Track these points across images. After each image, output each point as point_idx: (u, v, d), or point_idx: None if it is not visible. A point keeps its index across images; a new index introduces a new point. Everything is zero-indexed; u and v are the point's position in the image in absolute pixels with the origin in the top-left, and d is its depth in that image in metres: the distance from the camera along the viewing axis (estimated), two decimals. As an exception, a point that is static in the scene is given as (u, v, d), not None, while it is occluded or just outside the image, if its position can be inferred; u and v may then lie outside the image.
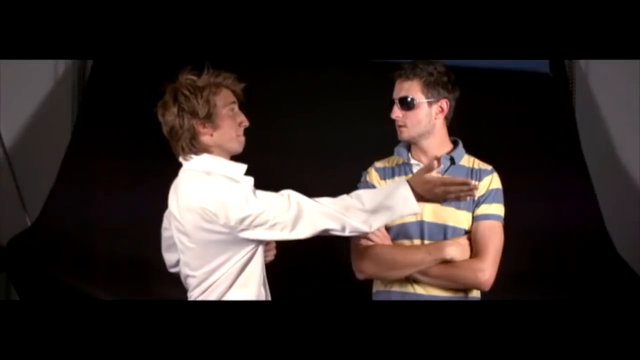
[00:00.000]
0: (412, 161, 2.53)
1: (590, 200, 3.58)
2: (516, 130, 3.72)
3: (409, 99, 2.46)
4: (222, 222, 2.20)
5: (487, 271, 2.40)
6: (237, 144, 2.37)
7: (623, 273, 3.31)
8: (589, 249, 3.38)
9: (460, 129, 2.63)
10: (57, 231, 3.29)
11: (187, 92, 2.30)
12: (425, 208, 2.45)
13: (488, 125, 3.60)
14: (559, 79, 4.01)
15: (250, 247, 2.29)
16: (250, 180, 2.34)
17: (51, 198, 3.46)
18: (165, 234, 2.51)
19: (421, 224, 2.46)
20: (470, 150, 2.58)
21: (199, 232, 2.24)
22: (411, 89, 2.47)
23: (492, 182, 2.50)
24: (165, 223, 2.50)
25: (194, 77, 2.34)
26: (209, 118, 2.30)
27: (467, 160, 2.55)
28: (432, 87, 2.46)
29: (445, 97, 2.48)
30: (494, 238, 2.45)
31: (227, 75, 2.37)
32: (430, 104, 2.47)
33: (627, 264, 3.37)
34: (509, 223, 2.53)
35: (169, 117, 2.31)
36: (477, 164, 2.55)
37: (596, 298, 2.99)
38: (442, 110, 2.49)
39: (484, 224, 2.46)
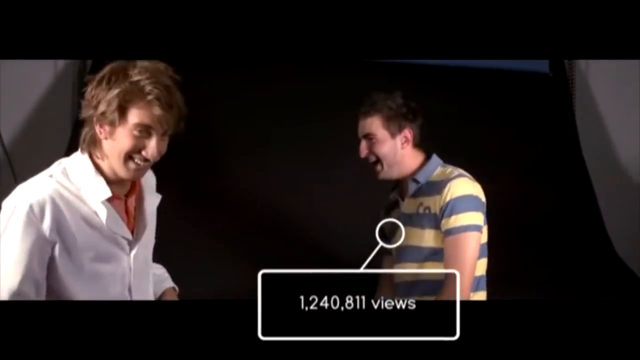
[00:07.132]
0: (397, 197, 2.55)
1: (590, 200, 3.58)
2: (516, 130, 3.72)
3: (372, 136, 2.48)
4: None
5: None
6: (125, 170, 1.90)
7: (622, 273, 3.31)
8: (588, 248, 3.39)
9: (460, 129, 2.63)
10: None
11: (115, 78, 1.86)
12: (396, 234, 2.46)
13: (488, 126, 3.60)
14: (559, 79, 4.01)
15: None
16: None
17: (51, 198, 3.45)
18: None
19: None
20: (469, 151, 2.58)
21: None
22: (373, 125, 2.49)
23: (449, 192, 2.38)
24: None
25: (146, 75, 1.88)
26: (105, 118, 1.86)
27: (442, 173, 2.47)
28: (393, 120, 2.48)
29: (407, 127, 2.49)
30: (458, 254, 2.34)
31: (178, 96, 1.89)
32: (393, 136, 2.48)
33: (626, 264, 3.38)
34: (509, 223, 2.52)
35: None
36: (447, 173, 2.46)
37: (595, 298, 2.99)
38: (407, 139, 2.49)
39: (447, 241, 2.37)
